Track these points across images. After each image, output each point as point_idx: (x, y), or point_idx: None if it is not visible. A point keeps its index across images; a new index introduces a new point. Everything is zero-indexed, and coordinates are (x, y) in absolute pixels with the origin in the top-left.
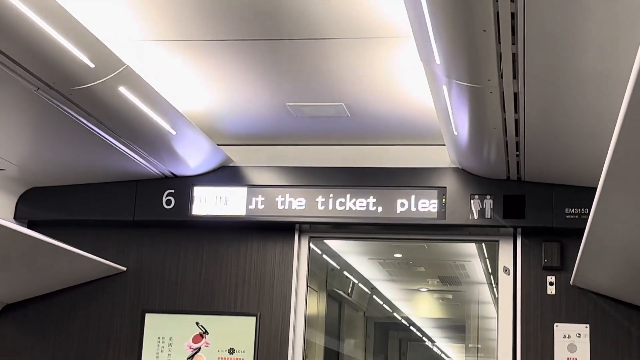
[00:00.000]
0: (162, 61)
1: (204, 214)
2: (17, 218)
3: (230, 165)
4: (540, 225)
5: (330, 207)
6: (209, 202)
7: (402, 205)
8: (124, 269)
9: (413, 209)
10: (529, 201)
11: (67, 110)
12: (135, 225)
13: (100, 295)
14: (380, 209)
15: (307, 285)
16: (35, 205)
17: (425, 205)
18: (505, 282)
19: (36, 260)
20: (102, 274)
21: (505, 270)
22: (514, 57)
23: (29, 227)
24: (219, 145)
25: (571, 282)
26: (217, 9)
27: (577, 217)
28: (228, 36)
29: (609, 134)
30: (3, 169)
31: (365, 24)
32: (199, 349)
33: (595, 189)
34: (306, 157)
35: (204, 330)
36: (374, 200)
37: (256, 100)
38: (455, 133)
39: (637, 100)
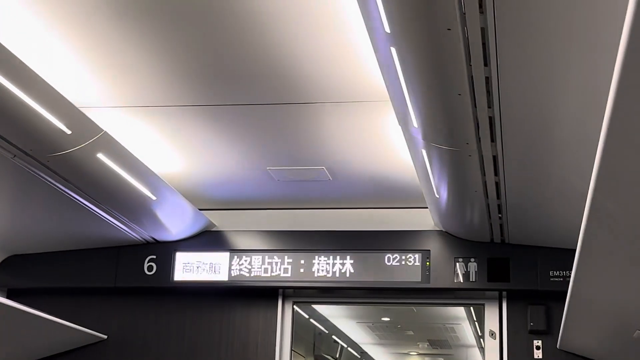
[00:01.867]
0: (140, 127)
1: (187, 279)
2: None
3: (213, 230)
4: (525, 289)
5: (314, 272)
6: (192, 267)
7: (386, 268)
8: (105, 337)
9: (397, 272)
10: (513, 264)
11: (45, 177)
12: (117, 292)
13: None
14: (363, 272)
15: (292, 350)
16: (15, 273)
17: (409, 269)
18: (491, 346)
19: (15, 330)
20: (82, 343)
21: (492, 334)
22: (491, 120)
23: (8, 295)
24: (200, 210)
25: (558, 346)
26: (196, 74)
27: (562, 279)
28: (207, 102)
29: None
30: None
31: (346, 88)
32: None
33: None
34: (289, 221)
35: None
36: (358, 263)
37: (237, 164)
38: (437, 196)
39: (607, 163)
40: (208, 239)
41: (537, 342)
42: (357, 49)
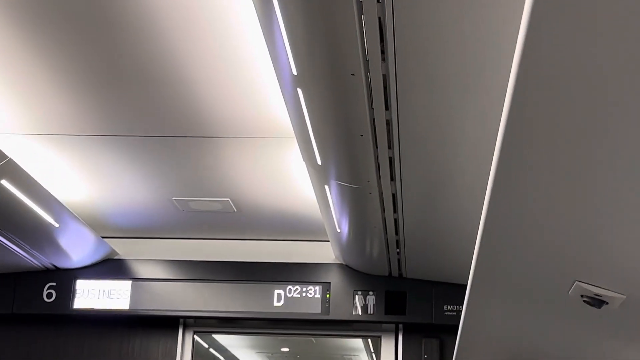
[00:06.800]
0: (46, 155)
1: (86, 307)
2: None
3: (115, 258)
4: (420, 322)
5: (215, 302)
6: (92, 295)
7: (287, 300)
8: None
9: (298, 304)
10: (409, 298)
11: None
12: (14, 319)
13: None
14: (265, 303)
15: None
16: None
17: (310, 301)
18: None
19: None
20: None
21: None
22: (391, 160)
23: None
24: (103, 237)
25: None
26: (104, 105)
27: (455, 313)
28: (113, 132)
29: None
30: None
31: (252, 124)
32: None
33: None
34: (192, 251)
35: None
36: (259, 294)
37: (142, 194)
38: (338, 230)
39: (495, 202)
40: (110, 267)
41: None
42: (263, 86)
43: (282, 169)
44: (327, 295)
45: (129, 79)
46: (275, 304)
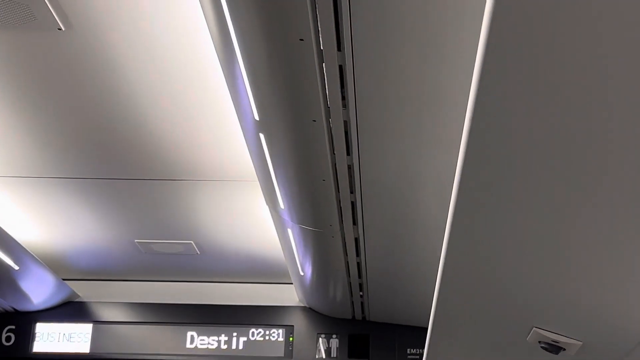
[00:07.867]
0: (6, 197)
1: (46, 351)
2: None
3: (76, 300)
4: None
5: (178, 344)
6: (52, 339)
7: (250, 343)
8: None
9: (260, 347)
10: (373, 341)
11: None
12: None
13: None
14: (228, 346)
15: None
16: None
17: (273, 344)
18: None
19: None
20: None
21: None
22: (353, 204)
23: None
24: (64, 280)
25: None
26: (67, 148)
27: (418, 357)
28: (75, 174)
29: None
30: None
31: (216, 167)
32: None
33: None
34: (155, 293)
35: None
36: (222, 337)
37: (104, 236)
38: (302, 273)
39: (453, 249)
40: (71, 310)
41: None
42: (227, 130)
43: (246, 212)
44: (290, 339)
45: (92, 122)
46: (238, 347)
